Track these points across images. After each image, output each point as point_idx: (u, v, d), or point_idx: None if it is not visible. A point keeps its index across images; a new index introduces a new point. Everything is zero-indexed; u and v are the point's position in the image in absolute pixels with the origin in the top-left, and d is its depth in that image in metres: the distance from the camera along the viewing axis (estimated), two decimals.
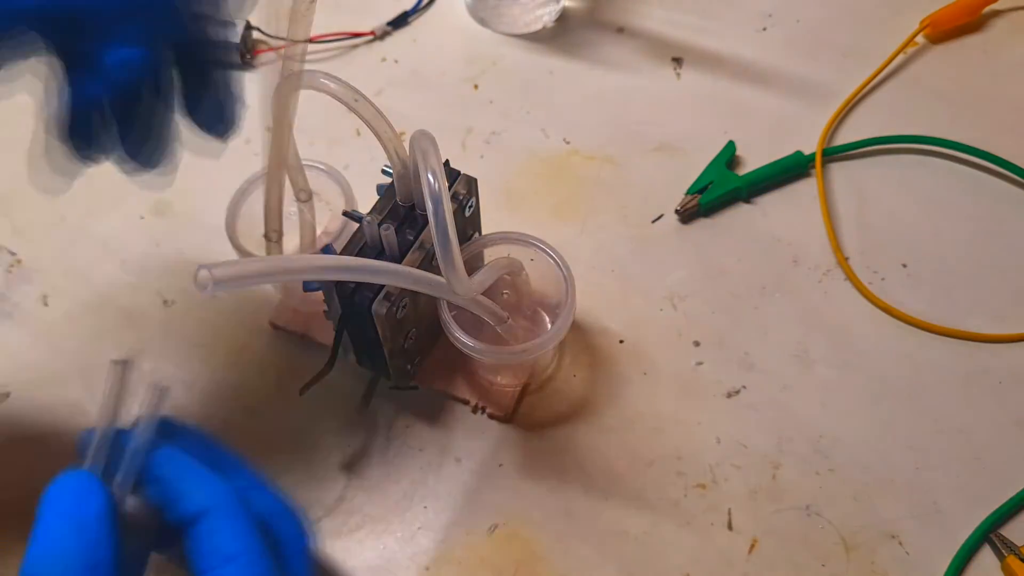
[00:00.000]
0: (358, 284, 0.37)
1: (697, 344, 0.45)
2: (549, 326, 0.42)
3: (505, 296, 0.42)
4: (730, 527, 0.40)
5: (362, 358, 0.42)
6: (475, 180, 0.40)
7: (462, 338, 0.38)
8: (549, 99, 0.55)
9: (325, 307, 0.40)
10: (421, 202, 0.38)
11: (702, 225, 0.49)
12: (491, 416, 0.43)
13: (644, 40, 0.58)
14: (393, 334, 0.38)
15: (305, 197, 0.43)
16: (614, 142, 0.53)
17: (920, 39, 0.57)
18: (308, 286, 0.39)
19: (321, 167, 0.44)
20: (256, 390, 0.44)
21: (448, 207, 0.32)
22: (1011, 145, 0.50)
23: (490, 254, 0.42)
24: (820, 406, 0.43)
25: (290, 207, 0.44)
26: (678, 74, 0.56)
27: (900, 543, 0.39)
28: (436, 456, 0.42)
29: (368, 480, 0.41)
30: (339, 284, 0.37)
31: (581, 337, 0.45)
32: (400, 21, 0.59)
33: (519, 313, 0.43)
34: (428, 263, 0.38)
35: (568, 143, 0.53)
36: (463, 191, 0.40)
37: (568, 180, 0.51)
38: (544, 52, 0.57)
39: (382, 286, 0.37)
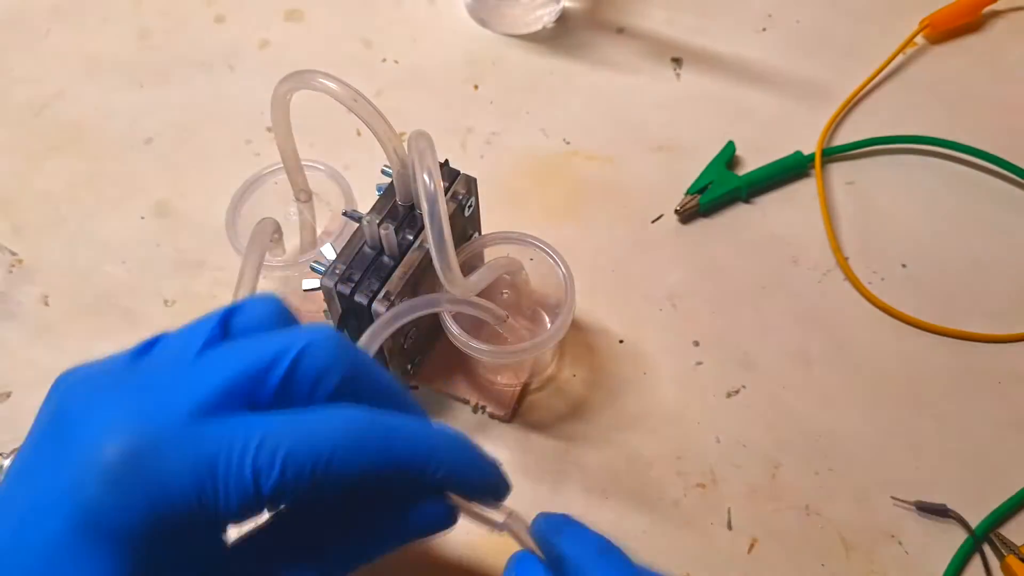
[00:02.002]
0: (357, 284, 0.37)
1: (697, 344, 0.45)
2: (549, 325, 0.42)
3: (505, 296, 0.42)
4: (730, 527, 0.40)
5: None
6: (475, 180, 0.40)
7: (462, 337, 0.38)
8: (549, 99, 0.55)
9: (325, 307, 0.40)
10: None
11: (702, 225, 0.49)
12: (491, 416, 0.43)
13: (644, 40, 0.58)
14: (393, 334, 0.38)
15: (305, 197, 0.43)
16: (614, 142, 0.53)
17: (920, 39, 0.57)
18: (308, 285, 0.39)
19: (321, 167, 0.44)
20: None
21: (443, 208, 0.32)
22: (1011, 145, 0.51)
23: (490, 254, 0.42)
24: (820, 406, 0.43)
25: (290, 207, 0.44)
26: (678, 74, 0.56)
27: (900, 543, 0.39)
28: None
29: None
30: (339, 284, 0.37)
31: (581, 337, 0.45)
32: None
33: (519, 313, 0.43)
34: (428, 263, 0.38)
35: (568, 143, 0.53)
36: (463, 191, 0.40)
37: (568, 180, 0.51)
38: (544, 52, 0.57)
39: (381, 285, 0.37)
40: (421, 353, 0.43)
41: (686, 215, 0.49)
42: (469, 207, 0.41)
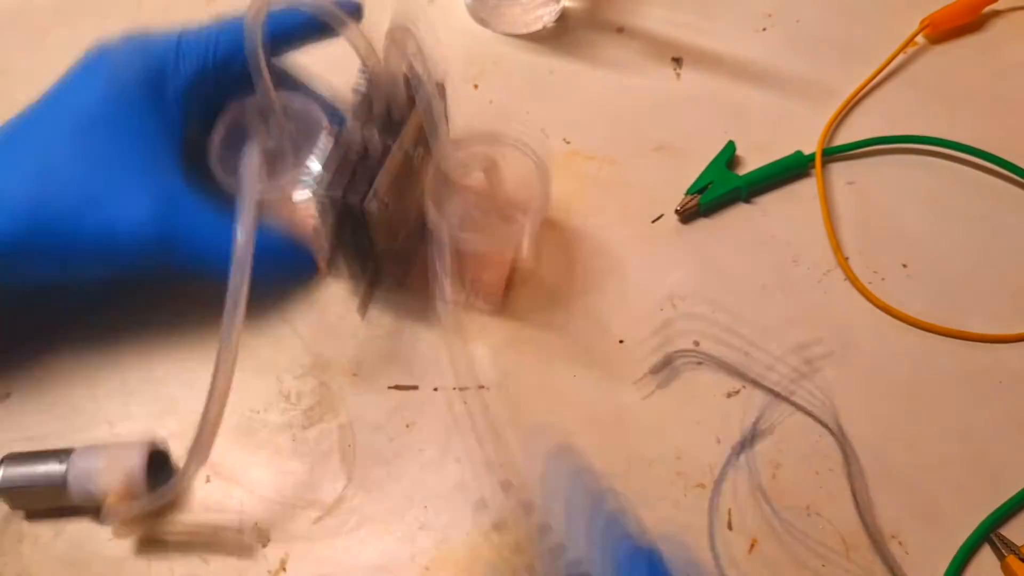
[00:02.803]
0: (347, 187, 0.39)
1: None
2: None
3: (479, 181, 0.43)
4: (730, 527, 0.40)
5: (355, 268, 0.44)
6: (443, 85, 0.41)
7: (444, 224, 0.39)
8: (549, 99, 0.55)
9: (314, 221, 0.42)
10: (397, 106, 0.40)
11: (702, 225, 0.49)
12: (480, 311, 0.45)
13: (644, 40, 0.58)
14: (386, 232, 0.40)
15: None
16: (614, 142, 0.53)
17: (920, 39, 0.57)
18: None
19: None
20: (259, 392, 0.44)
21: (435, 88, 0.36)
22: (1011, 145, 0.51)
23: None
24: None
25: None
26: (678, 74, 0.56)
27: (900, 543, 0.39)
28: (436, 456, 0.42)
29: (368, 480, 0.41)
30: (329, 189, 0.39)
31: (581, 336, 0.45)
32: None
33: (495, 214, 0.44)
34: (408, 166, 0.40)
35: (568, 143, 0.53)
36: None
37: (568, 180, 0.51)
38: (544, 52, 0.57)
39: (369, 185, 0.38)
40: (409, 260, 0.45)
41: (686, 215, 0.49)
42: None
